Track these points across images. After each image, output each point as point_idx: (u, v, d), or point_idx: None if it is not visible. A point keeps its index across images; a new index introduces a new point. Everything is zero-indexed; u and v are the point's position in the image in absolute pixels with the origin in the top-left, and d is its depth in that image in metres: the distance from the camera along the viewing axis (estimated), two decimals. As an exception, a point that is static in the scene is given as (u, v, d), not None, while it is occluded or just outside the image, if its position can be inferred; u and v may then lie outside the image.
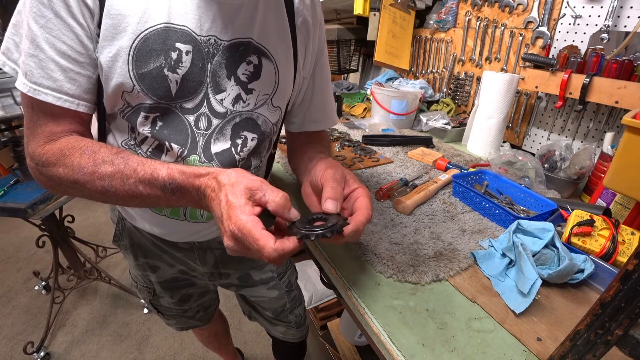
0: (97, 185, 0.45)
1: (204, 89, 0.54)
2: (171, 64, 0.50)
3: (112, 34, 0.47)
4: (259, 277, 0.84)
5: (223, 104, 0.56)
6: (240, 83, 0.56)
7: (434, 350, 0.45)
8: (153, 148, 0.55)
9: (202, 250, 0.74)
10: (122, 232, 0.74)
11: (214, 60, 0.53)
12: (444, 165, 0.99)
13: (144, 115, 0.52)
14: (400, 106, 1.35)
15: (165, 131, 0.54)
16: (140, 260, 0.76)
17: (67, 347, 1.62)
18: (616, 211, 0.72)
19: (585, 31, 0.96)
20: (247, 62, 0.55)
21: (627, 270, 0.29)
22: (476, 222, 0.73)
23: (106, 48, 0.47)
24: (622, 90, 0.80)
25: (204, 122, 0.55)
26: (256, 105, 0.59)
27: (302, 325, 0.99)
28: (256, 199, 0.40)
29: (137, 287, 0.86)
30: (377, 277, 0.58)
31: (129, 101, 0.51)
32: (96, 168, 0.45)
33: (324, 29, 0.67)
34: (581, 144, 1.01)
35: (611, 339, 0.32)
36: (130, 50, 0.47)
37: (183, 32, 0.49)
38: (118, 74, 0.48)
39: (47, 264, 2.12)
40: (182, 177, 0.43)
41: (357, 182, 0.51)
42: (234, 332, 1.70)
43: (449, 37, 1.43)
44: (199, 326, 1.00)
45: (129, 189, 0.45)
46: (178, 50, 0.50)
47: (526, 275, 0.52)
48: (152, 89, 0.50)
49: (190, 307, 0.91)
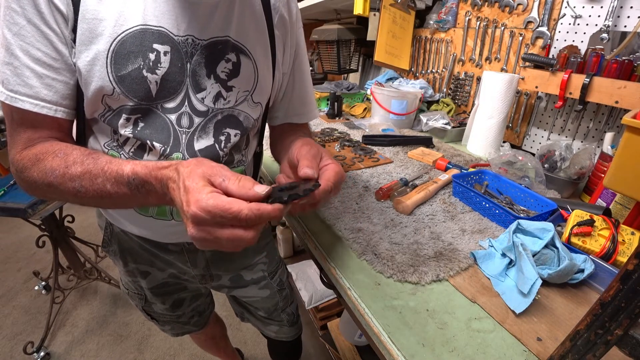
0: (69, 187, 0.45)
1: (184, 89, 0.54)
2: (150, 65, 0.50)
3: (88, 38, 0.47)
4: (250, 277, 0.84)
5: (204, 103, 0.56)
6: (220, 81, 0.56)
7: (434, 350, 0.45)
8: (135, 148, 0.55)
9: (192, 252, 0.73)
10: (111, 238, 0.73)
11: (193, 60, 0.53)
12: (444, 165, 0.99)
13: (125, 117, 0.52)
14: (400, 106, 1.35)
15: (146, 131, 0.54)
16: (130, 266, 0.75)
17: (67, 347, 1.62)
18: (616, 211, 0.72)
19: (585, 31, 0.96)
20: (226, 60, 0.56)
21: (627, 270, 0.29)
22: (476, 222, 0.73)
23: (83, 52, 0.47)
24: (622, 90, 0.80)
25: (186, 121, 0.56)
26: (237, 102, 0.60)
27: (295, 323, 0.99)
28: (216, 184, 0.38)
29: (128, 294, 0.84)
30: (377, 277, 0.58)
31: (110, 104, 0.51)
32: (67, 170, 0.45)
33: (301, 24, 0.68)
34: (581, 144, 1.01)
35: (611, 339, 0.32)
36: (108, 54, 0.47)
37: (160, 33, 0.50)
38: (97, 77, 0.48)
39: (47, 264, 2.12)
40: (145, 170, 0.43)
41: (330, 158, 0.52)
42: (233, 332, 1.70)
43: (449, 37, 1.43)
44: (195, 331, 0.99)
45: (98, 188, 0.44)
46: (156, 51, 0.50)
47: (526, 275, 0.52)
48: (132, 91, 0.50)
49: (184, 313, 0.90)
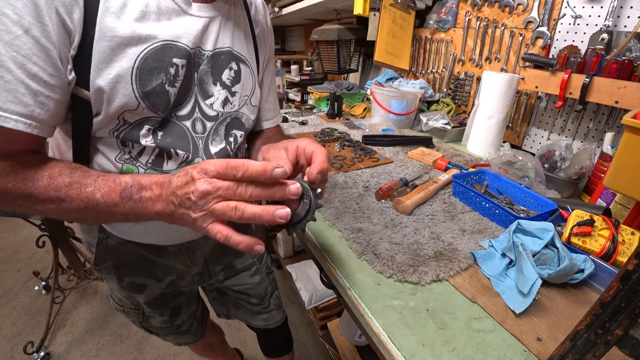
0: (52, 196, 0.43)
1: (193, 96, 0.58)
2: (170, 79, 0.52)
3: (109, 56, 0.46)
4: (241, 265, 0.88)
5: (213, 108, 0.60)
6: (226, 87, 0.61)
7: (434, 350, 0.45)
8: (154, 157, 0.56)
9: (191, 250, 0.74)
10: (105, 254, 0.69)
11: (200, 69, 0.57)
12: (444, 165, 0.99)
13: (147, 128, 0.53)
14: (400, 106, 1.35)
15: (168, 139, 0.56)
16: (124, 282, 0.73)
17: (67, 347, 1.62)
18: (616, 211, 0.72)
19: (585, 31, 0.96)
20: (229, 69, 0.61)
21: (627, 270, 0.29)
22: (476, 222, 0.73)
23: (104, 70, 0.46)
24: (622, 90, 0.80)
25: (200, 126, 0.59)
26: (240, 106, 0.65)
27: (281, 307, 1.03)
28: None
29: (123, 311, 0.82)
30: (377, 277, 0.58)
31: (127, 119, 0.52)
32: (52, 180, 0.43)
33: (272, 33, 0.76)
34: (581, 144, 1.01)
35: (611, 339, 0.32)
36: (133, 71, 0.48)
37: (177, 47, 0.52)
38: (122, 94, 0.48)
39: (47, 264, 2.12)
40: (147, 178, 0.43)
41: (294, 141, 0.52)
42: (234, 332, 1.70)
43: (449, 37, 1.43)
44: (196, 341, 0.99)
45: (86, 197, 0.43)
46: (175, 65, 0.52)
47: (526, 275, 0.52)
48: (156, 105, 0.52)
49: (183, 322, 0.89)
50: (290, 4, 1.94)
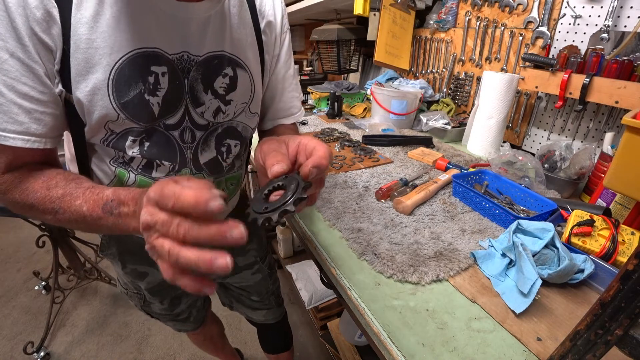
0: (48, 207, 0.44)
1: (184, 104, 0.55)
2: (150, 88, 0.50)
3: (85, 68, 0.46)
4: (243, 263, 0.88)
5: (204, 117, 0.57)
6: (219, 96, 0.57)
7: (434, 350, 0.45)
8: (143, 165, 0.56)
9: None
10: (110, 241, 0.73)
11: (190, 76, 0.53)
12: (444, 165, 0.99)
13: (132, 139, 0.52)
14: (400, 106, 1.35)
15: (153, 150, 0.55)
16: (128, 268, 0.75)
17: (67, 347, 1.62)
18: (616, 211, 0.72)
19: (585, 31, 0.95)
20: (223, 75, 0.56)
21: (627, 270, 0.29)
22: (476, 222, 0.73)
23: (81, 83, 0.46)
24: (622, 90, 0.80)
25: (189, 136, 0.57)
26: (235, 115, 0.61)
27: (281, 304, 1.04)
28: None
29: (127, 294, 0.85)
30: (377, 277, 0.58)
31: (113, 129, 0.51)
32: (48, 192, 0.44)
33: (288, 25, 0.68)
34: (581, 144, 1.01)
35: (611, 339, 0.32)
36: (109, 82, 0.47)
37: (155, 54, 0.49)
38: (100, 106, 0.48)
39: (47, 264, 2.12)
40: (125, 193, 0.41)
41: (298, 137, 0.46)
42: (234, 332, 1.70)
43: (449, 37, 1.43)
44: (196, 328, 1.01)
45: (75, 210, 0.43)
46: (154, 73, 0.50)
47: (526, 275, 0.52)
48: (136, 115, 0.50)
49: (182, 310, 0.91)
50: (290, 4, 1.94)
